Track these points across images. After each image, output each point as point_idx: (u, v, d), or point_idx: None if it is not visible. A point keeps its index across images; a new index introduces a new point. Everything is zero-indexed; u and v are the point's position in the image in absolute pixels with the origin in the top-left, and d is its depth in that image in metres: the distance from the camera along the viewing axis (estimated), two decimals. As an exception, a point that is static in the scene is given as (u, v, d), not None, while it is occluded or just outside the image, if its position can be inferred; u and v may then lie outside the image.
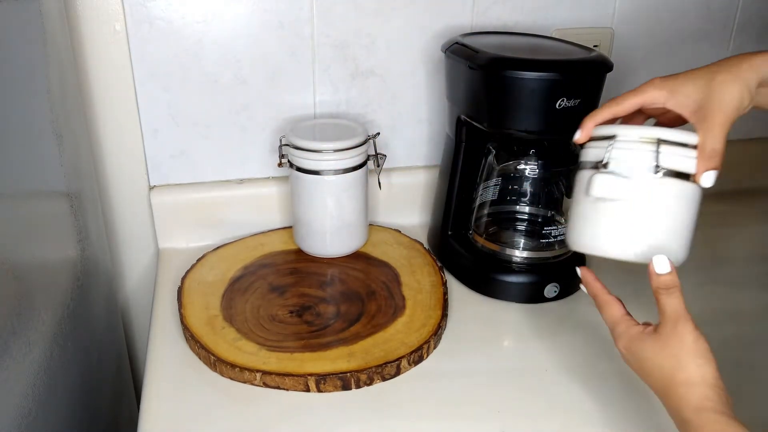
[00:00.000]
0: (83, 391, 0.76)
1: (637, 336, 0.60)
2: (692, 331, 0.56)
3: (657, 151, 0.58)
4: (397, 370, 0.72)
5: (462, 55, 0.82)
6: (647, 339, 0.58)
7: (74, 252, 0.77)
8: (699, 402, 0.53)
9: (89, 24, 0.86)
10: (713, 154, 0.58)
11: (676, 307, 0.58)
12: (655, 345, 0.57)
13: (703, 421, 0.52)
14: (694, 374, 0.55)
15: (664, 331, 0.57)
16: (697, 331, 0.57)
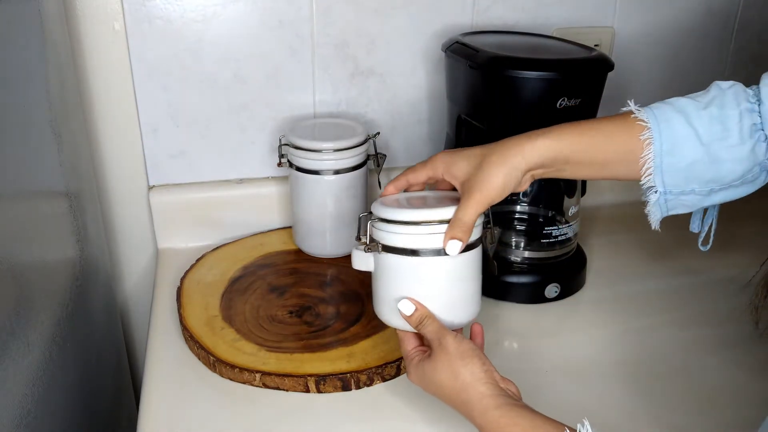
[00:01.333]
0: (82, 392, 0.75)
1: (419, 363, 0.62)
2: (453, 339, 0.60)
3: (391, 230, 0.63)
4: (397, 370, 0.72)
5: (462, 55, 0.81)
6: (426, 363, 0.61)
7: (73, 252, 0.76)
8: (479, 404, 0.56)
9: (88, 23, 0.86)
10: (460, 225, 0.61)
11: (434, 329, 0.62)
12: (432, 365, 0.60)
13: (489, 422, 0.55)
14: (465, 376, 0.58)
15: (434, 352, 0.61)
16: (459, 337, 0.60)
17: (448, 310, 0.64)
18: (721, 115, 0.58)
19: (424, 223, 0.62)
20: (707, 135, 0.58)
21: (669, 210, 0.62)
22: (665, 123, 0.59)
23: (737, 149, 0.58)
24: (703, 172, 0.59)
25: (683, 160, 0.59)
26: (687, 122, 0.59)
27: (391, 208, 0.63)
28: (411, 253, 0.62)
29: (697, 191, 0.60)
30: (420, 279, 0.63)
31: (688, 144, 0.59)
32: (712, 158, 0.58)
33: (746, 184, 0.60)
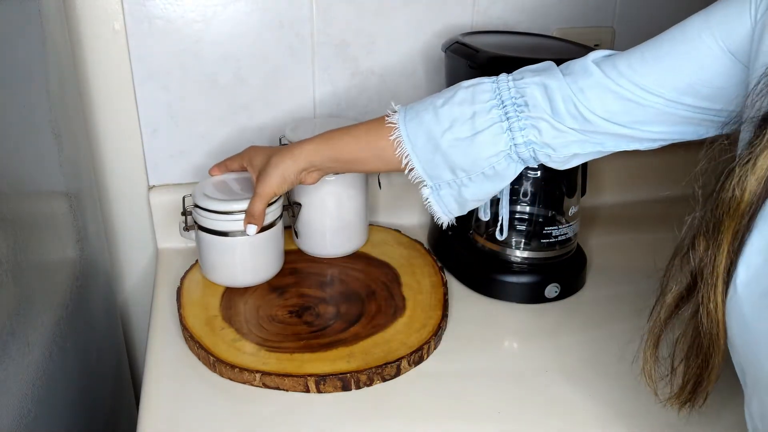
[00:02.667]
0: (82, 392, 0.75)
1: None
2: None
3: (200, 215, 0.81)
4: (397, 370, 0.72)
5: (462, 55, 0.81)
6: None
7: (73, 252, 0.76)
8: None
9: (88, 23, 0.86)
10: (251, 214, 0.77)
11: None
12: None
13: None
14: None
15: None
16: None
17: (255, 273, 0.84)
18: (454, 111, 0.66)
19: (235, 212, 0.79)
20: (440, 128, 0.66)
21: (444, 203, 0.71)
22: (410, 122, 0.68)
23: (468, 141, 0.65)
24: (445, 161, 0.67)
25: (425, 152, 0.67)
26: (427, 118, 0.67)
27: (207, 197, 0.80)
28: (222, 234, 0.80)
29: (450, 182, 0.68)
30: (232, 252, 0.82)
31: (426, 136, 0.67)
32: (447, 148, 0.66)
33: (498, 175, 0.67)
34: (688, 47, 0.56)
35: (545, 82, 0.63)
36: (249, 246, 0.82)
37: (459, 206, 0.71)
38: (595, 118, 0.61)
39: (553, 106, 0.62)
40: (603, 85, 0.60)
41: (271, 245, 0.84)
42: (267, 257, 0.84)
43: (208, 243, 0.82)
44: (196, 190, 0.82)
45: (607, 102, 0.60)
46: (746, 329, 0.45)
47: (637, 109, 0.59)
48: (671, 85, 0.57)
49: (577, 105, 0.61)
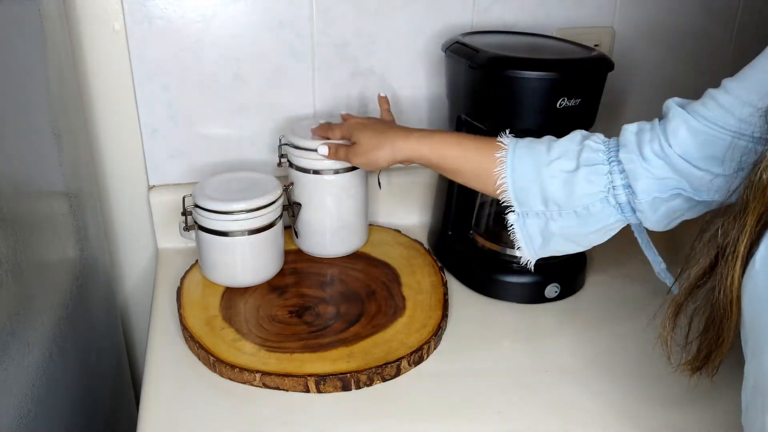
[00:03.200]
0: (82, 391, 0.75)
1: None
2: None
3: None
4: (397, 370, 0.72)
5: (462, 55, 0.81)
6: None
7: (73, 252, 0.76)
8: None
9: (88, 24, 0.86)
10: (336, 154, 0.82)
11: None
12: None
13: None
14: None
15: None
16: None
17: (254, 273, 0.84)
18: (565, 145, 0.67)
19: (235, 212, 0.79)
20: (548, 158, 0.67)
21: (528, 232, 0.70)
22: (521, 148, 0.68)
23: (569, 174, 0.65)
24: (541, 191, 0.67)
25: (523, 179, 0.67)
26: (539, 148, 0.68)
27: (207, 197, 0.80)
28: (222, 234, 0.81)
29: (539, 213, 0.68)
30: (232, 252, 0.82)
31: (531, 163, 0.67)
32: (547, 177, 0.66)
33: (591, 216, 0.66)
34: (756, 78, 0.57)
35: (642, 125, 0.64)
36: (249, 246, 0.82)
37: (543, 241, 0.69)
38: (673, 154, 0.61)
39: (639, 144, 0.63)
40: (680, 117, 0.61)
41: (271, 245, 0.84)
42: (267, 257, 0.84)
43: (208, 243, 0.82)
44: (196, 190, 0.82)
45: (682, 134, 0.60)
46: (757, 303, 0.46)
47: (708, 142, 0.59)
48: (737, 115, 0.57)
49: (660, 141, 0.62)
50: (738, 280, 0.47)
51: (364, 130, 0.78)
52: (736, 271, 0.47)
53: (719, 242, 0.50)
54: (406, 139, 0.74)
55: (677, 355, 0.56)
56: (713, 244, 0.51)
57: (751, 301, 0.47)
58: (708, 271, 0.52)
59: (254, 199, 0.81)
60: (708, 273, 0.52)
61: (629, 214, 0.65)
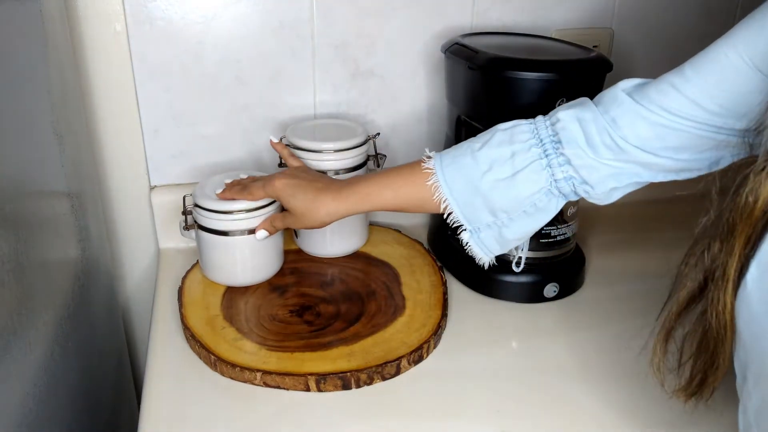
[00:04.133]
0: (84, 391, 0.76)
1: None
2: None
3: None
4: (397, 369, 0.72)
5: (462, 56, 0.82)
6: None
7: (75, 252, 0.77)
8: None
9: (90, 24, 0.86)
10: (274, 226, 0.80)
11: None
12: None
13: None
14: None
15: None
16: None
17: (255, 272, 0.85)
18: (492, 153, 0.66)
19: (235, 212, 0.79)
20: (479, 170, 0.66)
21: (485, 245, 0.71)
22: (448, 167, 0.68)
23: (508, 181, 0.65)
24: (486, 203, 0.67)
25: (464, 195, 0.68)
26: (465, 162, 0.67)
27: (207, 197, 0.81)
28: (222, 233, 0.81)
29: (491, 223, 0.69)
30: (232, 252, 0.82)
31: (464, 180, 0.67)
32: (487, 189, 0.66)
33: (539, 211, 0.67)
34: (715, 68, 0.56)
35: (579, 115, 0.63)
36: (249, 245, 0.82)
37: (500, 246, 0.71)
38: (629, 147, 0.61)
39: (588, 138, 0.62)
40: (635, 112, 0.60)
41: (271, 245, 0.84)
42: (267, 257, 0.85)
43: (209, 242, 0.82)
44: (196, 190, 0.82)
45: (639, 129, 0.60)
46: (754, 323, 0.45)
47: (669, 134, 0.59)
48: (701, 106, 0.57)
49: (611, 134, 0.61)
50: (730, 304, 0.47)
51: (292, 197, 0.74)
52: (728, 295, 0.47)
53: (707, 266, 0.49)
54: (336, 199, 0.72)
55: (670, 381, 0.56)
56: (700, 267, 0.50)
57: (747, 323, 0.46)
58: (697, 295, 0.52)
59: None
60: (698, 296, 0.52)
61: (574, 198, 0.67)
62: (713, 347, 0.50)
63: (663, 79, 0.60)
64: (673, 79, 0.59)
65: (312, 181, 0.75)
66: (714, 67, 0.56)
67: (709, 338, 0.50)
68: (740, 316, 0.47)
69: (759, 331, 0.45)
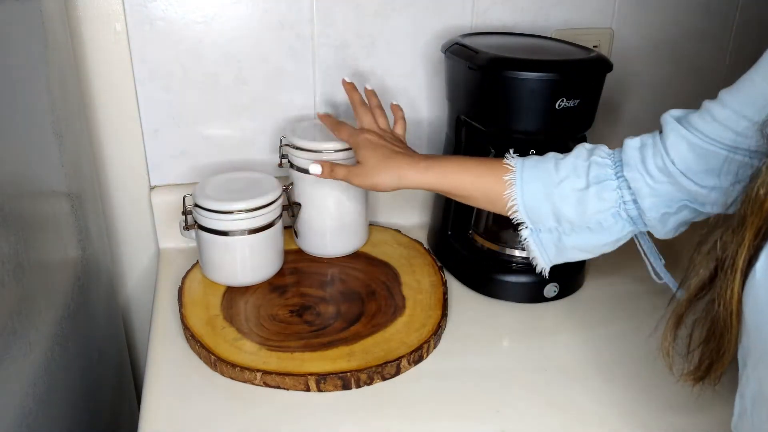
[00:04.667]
0: (84, 391, 0.76)
1: None
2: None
3: None
4: (397, 369, 0.72)
5: (462, 56, 0.82)
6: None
7: (75, 252, 0.77)
8: None
9: (90, 25, 0.86)
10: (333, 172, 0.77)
11: None
12: None
13: None
14: None
15: None
16: None
17: (254, 272, 0.84)
18: (573, 163, 0.67)
19: (235, 212, 0.79)
20: (557, 177, 0.67)
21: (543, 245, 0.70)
22: (528, 169, 0.68)
23: (581, 193, 0.66)
24: (553, 210, 0.67)
25: (533, 200, 0.68)
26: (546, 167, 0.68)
27: (207, 197, 0.80)
28: (222, 233, 0.81)
29: (552, 228, 0.68)
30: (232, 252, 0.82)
31: (541, 183, 0.68)
32: (559, 198, 0.67)
33: (604, 230, 0.67)
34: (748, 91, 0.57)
35: (644, 140, 0.64)
36: (249, 245, 0.82)
37: (557, 252, 0.70)
38: (675, 171, 0.61)
39: (644, 161, 0.63)
40: (678, 134, 0.61)
41: (271, 245, 0.84)
42: (266, 256, 0.85)
43: (209, 242, 0.82)
44: (196, 190, 0.82)
45: (682, 151, 0.61)
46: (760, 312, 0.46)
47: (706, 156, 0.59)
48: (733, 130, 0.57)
49: (663, 158, 0.62)
50: (738, 294, 0.48)
51: (372, 150, 0.75)
52: (735, 284, 0.48)
53: (718, 255, 0.50)
54: (414, 167, 0.72)
55: (679, 365, 0.56)
56: (712, 256, 0.51)
57: (753, 311, 0.47)
58: (708, 283, 0.53)
59: (254, 198, 0.81)
60: (708, 285, 0.53)
61: (641, 226, 0.66)
62: (720, 334, 0.50)
63: (703, 105, 0.61)
64: (711, 105, 0.60)
65: (395, 144, 0.76)
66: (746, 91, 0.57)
67: (716, 326, 0.51)
68: (747, 304, 0.47)
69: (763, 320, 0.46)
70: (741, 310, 0.48)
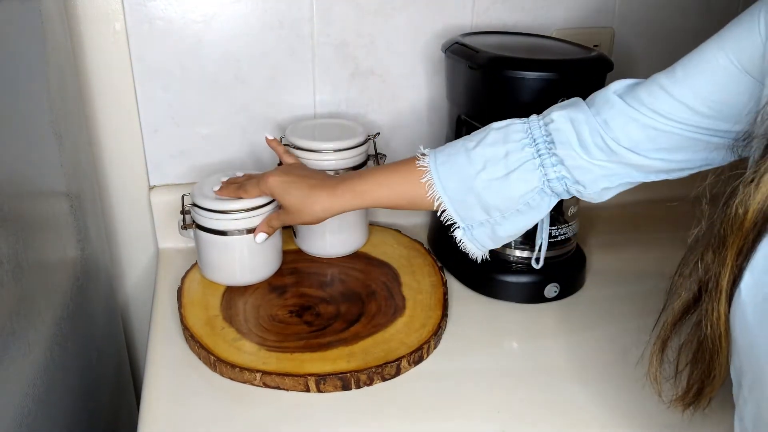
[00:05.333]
0: (83, 391, 0.76)
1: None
2: None
3: None
4: (397, 370, 0.72)
5: (462, 55, 0.82)
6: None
7: (74, 252, 0.77)
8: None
9: (89, 24, 0.86)
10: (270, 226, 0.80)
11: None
12: None
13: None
14: None
15: None
16: None
17: (253, 272, 0.84)
18: (486, 152, 0.66)
19: (233, 211, 0.79)
20: (473, 169, 0.66)
21: (478, 241, 0.71)
22: (442, 165, 0.68)
23: (501, 180, 0.66)
24: (479, 202, 0.67)
25: (457, 194, 0.68)
26: (460, 161, 0.67)
27: (205, 196, 0.80)
28: (220, 233, 0.81)
29: (484, 221, 0.69)
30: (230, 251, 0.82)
31: (458, 178, 0.67)
32: (481, 189, 0.67)
33: (532, 209, 0.67)
34: (705, 70, 0.56)
35: (572, 116, 0.64)
36: (247, 245, 0.82)
37: (493, 242, 0.71)
38: (620, 149, 0.61)
39: (580, 139, 0.63)
40: (626, 115, 0.60)
41: (270, 244, 0.84)
42: (265, 256, 0.85)
43: (207, 242, 0.82)
44: (194, 189, 0.82)
45: (631, 131, 0.60)
46: (749, 332, 0.45)
47: (660, 136, 0.59)
48: (691, 109, 0.57)
49: (603, 136, 0.61)
50: (725, 315, 0.47)
51: (287, 193, 0.75)
52: (721, 305, 0.47)
53: (701, 276, 0.49)
54: (332, 195, 0.73)
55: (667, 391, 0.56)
56: (694, 278, 0.51)
57: (743, 332, 0.46)
58: (692, 305, 0.52)
59: (251, 198, 0.81)
60: (692, 306, 0.52)
61: (567, 196, 0.67)
62: (709, 357, 0.50)
63: (653, 80, 0.60)
64: (663, 80, 0.59)
65: (306, 177, 0.76)
66: (703, 68, 0.56)
67: (704, 348, 0.50)
68: (735, 325, 0.47)
69: (753, 340, 0.45)
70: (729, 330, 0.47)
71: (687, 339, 0.53)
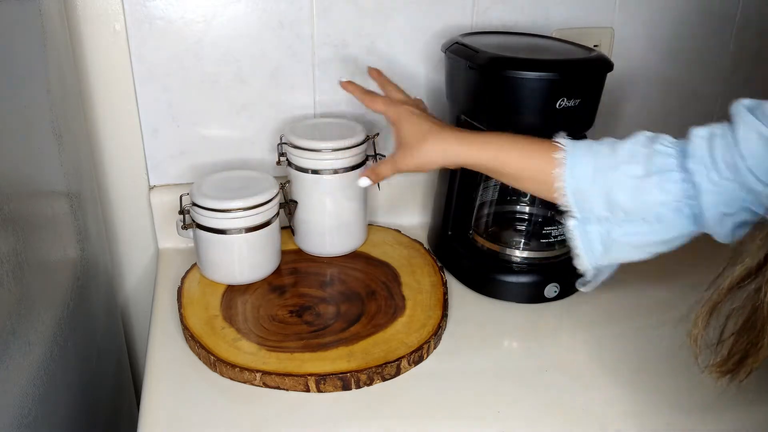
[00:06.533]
0: (83, 391, 0.76)
1: None
2: None
3: None
4: (397, 370, 0.72)
5: (462, 55, 0.82)
6: None
7: (74, 252, 0.77)
8: None
9: (89, 24, 0.86)
10: (377, 173, 0.76)
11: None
12: None
13: None
14: None
15: None
16: None
17: (252, 270, 0.84)
18: (632, 149, 0.62)
19: (232, 210, 0.80)
20: (614, 160, 0.62)
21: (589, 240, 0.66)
22: (580, 149, 0.64)
23: (639, 180, 0.61)
24: (606, 196, 0.63)
25: (583, 181, 0.63)
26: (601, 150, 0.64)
27: (204, 195, 0.80)
28: (219, 232, 0.81)
29: (602, 218, 0.64)
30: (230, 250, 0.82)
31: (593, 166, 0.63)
32: (615, 182, 0.62)
33: (661, 224, 0.62)
34: None
35: (713, 129, 0.58)
36: (247, 243, 0.82)
37: (604, 250, 0.65)
38: (743, 167, 0.55)
39: (713, 154, 0.57)
40: (754, 128, 0.55)
41: (268, 243, 0.84)
42: (264, 255, 0.85)
43: (206, 241, 0.82)
44: (193, 189, 0.82)
45: (753, 145, 0.55)
46: None
47: None
48: None
49: (732, 151, 0.56)
50: None
51: (415, 123, 0.72)
52: None
53: None
54: (460, 141, 0.69)
55: (706, 357, 0.53)
56: (765, 245, 0.49)
57: None
58: (754, 272, 0.50)
59: (251, 197, 0.81)
60: (754, 274, 0.50)
61: (701, 226, 0.61)
62: (760, 326, 0.48)
63: None
64: None
65: (433, 118, 0.74)
66: None
67: (757, 317, 0.48)
68: None
69: None
70: None
71: (740, 305, 0.51)
